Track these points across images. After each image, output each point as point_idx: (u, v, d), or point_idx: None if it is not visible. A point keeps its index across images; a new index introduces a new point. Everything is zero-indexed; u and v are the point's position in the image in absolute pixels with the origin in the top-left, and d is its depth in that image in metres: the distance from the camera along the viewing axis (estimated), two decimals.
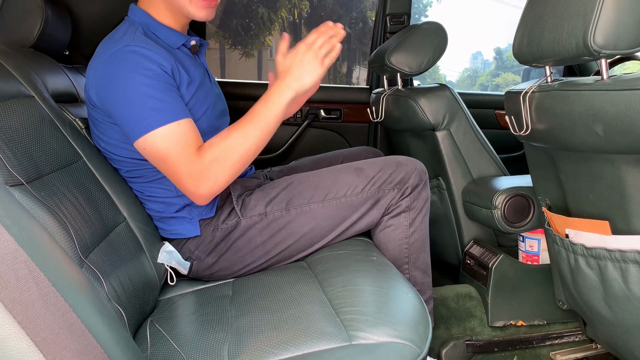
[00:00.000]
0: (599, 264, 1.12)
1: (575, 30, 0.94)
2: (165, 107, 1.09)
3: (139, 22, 1.23)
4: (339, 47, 1.17)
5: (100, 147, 1.25)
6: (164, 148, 1.08)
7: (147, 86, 1.08)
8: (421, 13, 18.73)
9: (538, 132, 1.16)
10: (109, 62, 1.11)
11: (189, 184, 1.09)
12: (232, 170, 1.10)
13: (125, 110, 1.09)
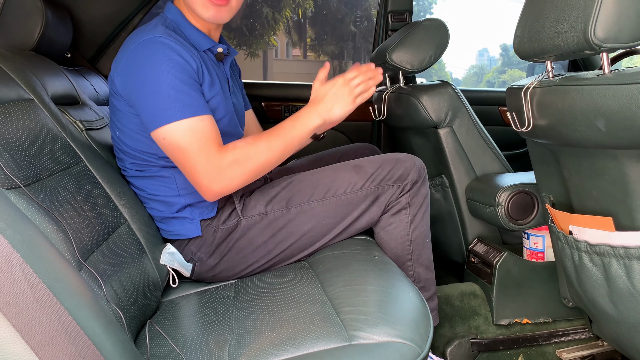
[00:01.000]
0: (603, 260, 1.10)
1: (576, 24, 0.93)
2: (190, 101, 1.12)
3: (172, 19, 1.26)
4: (373, 90, 1.25)
5: (115, 136, 1.27)
6: (185, 141, 1.10)
7: (174, 77, 1.11)
8: (426, 10, 18.66)
9: (540, 128, 1.15)
10: (138, 50, 1.13)
11: (205, 179, 1.12)
12: (248, 176, 1.15)
13: (149, 97, 1.11)
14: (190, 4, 1.23)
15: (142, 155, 1.24)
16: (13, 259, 0.60)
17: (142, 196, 1.30)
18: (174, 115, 1.10)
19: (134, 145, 1.23)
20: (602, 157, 1.04)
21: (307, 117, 1.19)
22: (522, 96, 1.17)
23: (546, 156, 1.27)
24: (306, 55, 16.93)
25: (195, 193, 1.26)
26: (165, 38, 1.14)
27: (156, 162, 1.24)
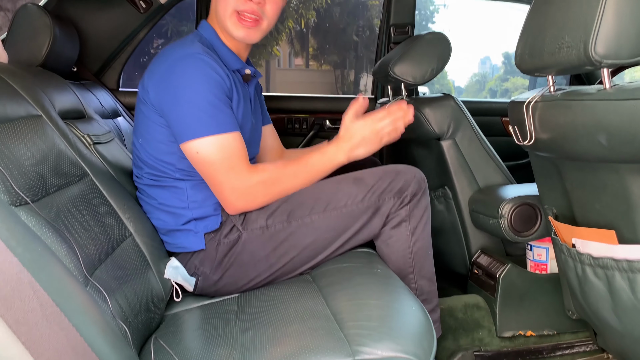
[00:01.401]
0: (607, 273, 1.11)
1: (576, 40, 0.94)
2: (224, 117, 1.18)
3: (206, 38, 1.32)
4: (401, 131, 1.30)
5: (137, 143, 1.31)
6: (217, 157, 1.17)
7: (210, 93, 1.16)
8: (428, 20, 18.71)
9: (542, 142, 1.16)
10: (177, 64, 1.18)
11: (231, 195, 1.19)
12: (271, 197, 1.24)
13: (185, 110, 1.17)
14: (223, 23, 1.29)
15: (161, 165, 1.27)
16: (23, 277, 0.61)
17: (151, 205, 1.32)
18: (209, 129, 1.15)
19: (156, 154, 1.27)
20: (604, 171, 1.05)
21: (334, 154, 1.26)
22: (524, 110, 1.17)
23: (549, 169, 1.27)
24: (308, 65, 16.99)
25: (202, 207, 1.28)
26: (204, 55, 1.19)
27: (173, 174, 1.27)
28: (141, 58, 11.37)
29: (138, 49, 2.31)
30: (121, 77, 2.31)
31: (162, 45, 10.78)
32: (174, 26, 10.10)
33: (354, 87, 11.72)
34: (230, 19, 1.26)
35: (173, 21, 10.01)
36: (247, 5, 1.25)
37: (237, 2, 1.26)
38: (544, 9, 1.06)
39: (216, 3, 1.30)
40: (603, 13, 0.89)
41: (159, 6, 2.16)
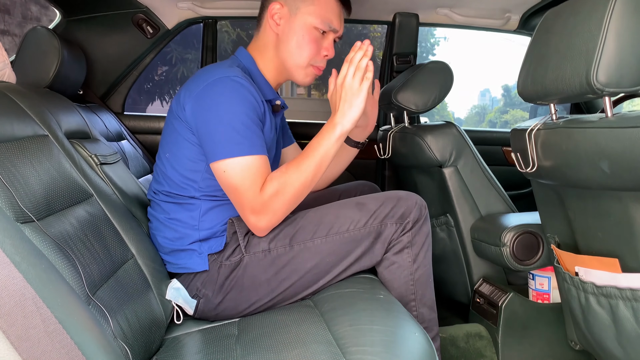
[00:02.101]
0: (610, 302, 1.10)
1: (578, 69, 0.96)
2: (256, 139, 1.21)
3: (244, 64, 1.37)
4: (371, 65, 1.26)
5: (163, 157, 1.33)
6: (240, 177, 1.19)
7: (245, 115, 1.20)
8: (429, 52, 19.01)
9: (544, 169, 1.16)
10: (216, 85, 1.22)
11: (251, 216, 1.21)
12: (289, 203, 1.23)
13: (219, 129, 1.19)
14: (290, 63, 1.37)
15: (183, 182, 1.29)
16: (27, 292, 0.61)
17: (160, 222, 1.33)
18: (240, 150, 1.18)
19: (181, 170, 1.29)
20: (606, 198, 1.05)
21: (328, 131, 1.25)
22: (526, 137, 1.19)
23: (551, 197, 1.28)
24: (310, 94, 17.17)
25: (211, 229, 1.30)
26: (243, 79, 1.23)
27: (193, 192, 1.30)
28: (145, 84, 11.48)
29: (143, 75, 2.34)
30: (126, 101, 2.33)
31: (166, 72, 10.92)
32: (179, 53, 10.25)
33: None
34: (306, 70, 1.37)
35: (178, 49, 10.17)
36: (323, 63, 1.39)
37: (316, 58, 1.37)
38: (546, 38, 1.08)
39: (287, 44, 1.36)
40: (604, 42, 0.90)
41: (166, 32, 2.20)
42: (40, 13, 5.32)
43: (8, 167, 0.89)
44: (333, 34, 1.39)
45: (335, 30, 1.38)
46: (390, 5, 2.13)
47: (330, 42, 1.39)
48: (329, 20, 1.35)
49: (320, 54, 1.38)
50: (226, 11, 2.18)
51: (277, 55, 1.38)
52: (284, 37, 1.36)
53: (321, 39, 1.37)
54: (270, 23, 1.37)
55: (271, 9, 1.37)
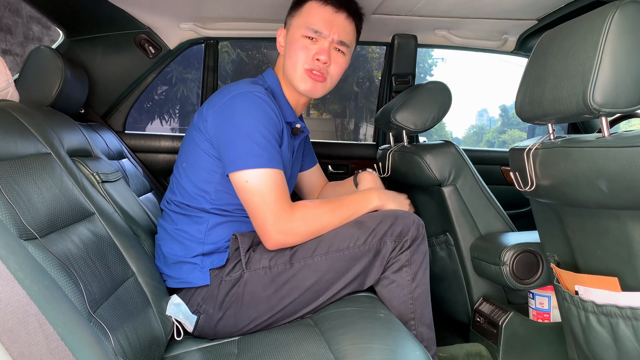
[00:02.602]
0: (611, 321, 1.10)
1: (575, 89, 0.97)
2: (275, 153, 1.25)
3: (269, 85, 1.43)
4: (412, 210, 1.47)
5: (180, 167, 1.37)
6: (267, 187, 1.22)
7: (266, 129, 1.25)
8: (427, 72, 19.17)
9: (543, 188, 1.17)
10: (238, 98, 1.27)
11: (272, 227, 1.23)
12: (309, 233, 1.28)
13: (239, 141, 1.23)
14: (289, 75, 1.40)
15: (197, 192, 1.32)
16: (30, 309, 0.61)
17: (167, 232, 1.36)
18: (261, 162, 1.22)
19: (196, 180, 1.33)
20: (605, 217, 1.06)
21: (371, 197, 1.38)
22: (524, 157, 1.20)
23: (550, 216, 1.28)
24: (309, 114, 17.25)
25: (215, 244, 1.31)
26: (265, 95, 1.29)
27: (204, 205, 1.32)
28: (145, 103, 11.54)
29: (143, 94, 2.36)
30: (127, 120, 2.35)
31: (166, 92, 10.98)
32: (179, 73, 10.33)
33: (353, 136, 11.87)
34: (301, 76, 1.39)
35: (178, 68, 10.25)
36: (315, 64, 1.38)
37: (305, 61, 1.38)
38: (543, 60, 1.10)
39: (286, 60, 1.41)
40: (600, 63, 0.92)
41: (168, 52, 2.23)
42: (42, 33, 5.37)
43: (11, 185, 0.90)
44: (324, 38, 1.38)
45: (323, 35, 1.37)
46: (389, 27, 2.16)
47: (323, 46, 1.38)
48: (312, 26, 1.37)
49: (311, 58, 1.38)
50: (228, 32, 2.21)
51: (285, 74, 1.43)
52: (285, 55, 1.42)
53: (312, 45, 1.38)
54: (279, 47, 1.47)
55: (278, 34, 1.47)
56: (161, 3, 1.89)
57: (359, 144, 2.64)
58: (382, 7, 1.85)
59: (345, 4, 1.41)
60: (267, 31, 2.19)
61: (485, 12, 1.91)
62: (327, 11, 1.39)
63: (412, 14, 1.96)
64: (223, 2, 1.86)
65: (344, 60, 1.44)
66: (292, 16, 1.44)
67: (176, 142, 2.37)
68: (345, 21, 1.41)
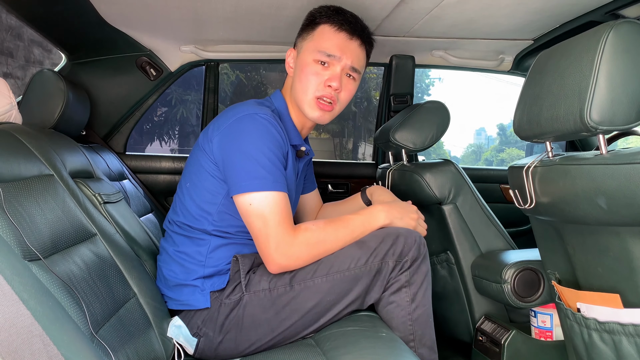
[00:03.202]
0: (614, 339, 1.10)
1: (572, 107, 0.99)
2: (279, 176, 1.24)
3: (277, 107, 1.42)
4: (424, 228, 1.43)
5: (184, 187, 1.37)
6: (270, 211, 1.21)
7: (271, 152, 1.24)
8: (424, 92, 19.34)
9: (542, 206, 1.18)
10: (244, 120, 1.26)
11: (275, 251, 1.21)
12: (312, 257, 1.26)
13: (244, 163, 1.22)
14: (298, 99, 1.40)
15: (199, 213, 1.32)
16: (34, 329, 0.61)
17: (168, 254, 1.35)
18: (265, 185, 1.21)
19: (199, 201, 1.32)
20: (605, 234, 1.06)
21: (377, 214, 1.34)
22: (523, 175, 1.21)
23: (550, 233, 1.29)
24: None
25: (216, 267, 1.30)
26: (271, 118, 1.28)
27: (206, 226, 1.31)
28: (145, 125, 11.57)
29: (143, 116, 2.38)
30: (128, 141, 2.36)
31: (166, 113, 11.05)
32: (179, 95, 10.40)
33: (352, 155, 11.91)
34: (310, 103, 1.39)
35: (178, 90, 10.33)
36: (326, 91, 1.38)
37: (317, 88, 1.38)
38: (540, 79, 1.12)
39: (295, 83, 1.41)
40: (596, 82, 0.94)
41: (169, 74, 2.25)
42: (43, 56, 5.43)
43: (15, 206, 0.91)
44: (336, 63, 1.38)
45: (337, 59, 1.37)
46: (387, 48, 2.19)
47: (335, 72, 1.38)
48: (326, 50, 1.37)
49: (323, 85, 1.37)
50: (228, 54, 2.24)
51: (293, 96, 1.43)
52: (294, 77, 1.42)
53: (324, 71, 1.38)
54: (287, 68, 1.47)
55: (287, 54, 1.47)
56: (162, 26, 1.92)
57: (359, 163, 2.65)
58: (381, 29, 1.88)
59: (358, 30, 1.41)
60: (266, 53, 2.22)
61: (481, 32, 1.94)
62: (341, 37, 1.39)
63: (410, 35, 1.99)
64: (223, 25, 1.89)
65: (354, 86, 1.44)
66: (303, 38, 1.43)
67: (177, 162, 2.38)
68: (358, 48, 1.42)
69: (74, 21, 1.74)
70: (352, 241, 1.31)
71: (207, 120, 2.35)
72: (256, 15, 1.76)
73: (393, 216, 1.36)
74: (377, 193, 1.61)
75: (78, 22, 1.75)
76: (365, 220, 1.32)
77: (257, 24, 1.87)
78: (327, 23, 1.40)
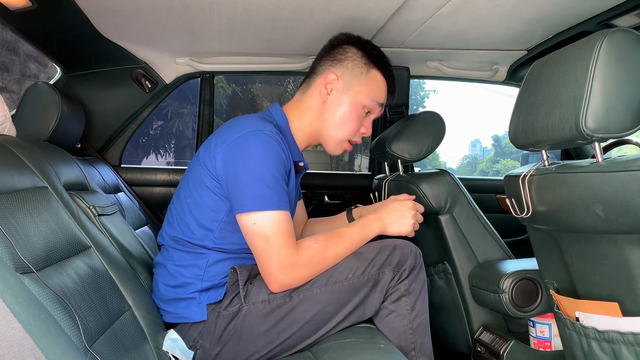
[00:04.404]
0: (613, 348, 1.09)
1: (567, 116, 0.99)
2: (283, 195, 1.23)
3: (277, 122, 1.40)
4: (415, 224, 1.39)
5: (184, 202, 1.33)
6: (274, 231, 1.19)
7: (275, 169, 1.22)
8: (419, 104, 19.45)
9: (539, 214, 1.18)
10: (248, 136, 1.24)
11: (278, 271, 1.20)
12: (314, 275, 1.26)
13: (249, 182, 1.20)
14: (325, 132, 1.42)
15: (199, 229, 1.29)
16: (26, 343, 0.60)
17: (165, 268, 1.32)
18: (270, 204, 1.19)
19: (200, 218, 1.29)
20: (603, 242, 1.06)
21: (370, 225, 1.34)
22: (520, 183, 1.20)
23: (547, 242, 1.28)
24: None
25: (213, 280, 1.29)
26: (276, 135, 1.26)
27: (206, 241, 1.29)
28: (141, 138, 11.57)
29: (139, 129, 2.38)
30: (123, 154, 2.36)
31: (161, 127, 11.06)
32: (174, 108, 10.43)
33: (348, 167, 11.93)
34: (341, 144, 1.42)
35: (173, 103, 10.36)
36: (358, 138, 1.45)
37: (353, 134, 1.42)
38: (534, 88, 1.12)
39: (331, 116, 1.40)
40: (591, 90, 0.94)
41: (164, 86, 2.25)
42: (38, 70, 5.43)
43: (8, 218, 0.90)
44: (376, 112, 1.45)
45: (380, 109, 1.44)
46: None
47: (370, 120, 1.45)
48: (378, 100, 1.42)
49: (359, 131, 1.43)
50: (223, 66, 2.24)
51: (318, 121, 1.41)
52: (330, 107, 1.40)
53: (364, 117, 1.42)
54: (321, 90, 1.41)
55: (326, 77, 1.40)
56: (157, 39, 1.92)
57: (355, 174, 2.65)
58: (375, 40, 1.89)
59: (394, 88, 1.48)
60: (262, 65, 2.23)
61: (475, 43, 1.95)
62: (385, 90, 1.45)
63: (404, 47, 2.00)
64: (218, 37, 1.89)
65: None
66: (353, 75, 1.40)
67: (172, 175, 2.38)
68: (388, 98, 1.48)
69: (69, 34, 1.74)
70: (350, 252, 1.31)
71: (203, 133, 2.35)
72: (251, 27, 1.76)
73: (386, 224, 1.36)
74: (365, 209, 1.60)
75: (73, 35, 1.75)
76: (360, 231, 1.32)
77: (251, 36, 1.88)
78: (380, 71, 1.42)
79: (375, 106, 1.42)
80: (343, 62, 1.41)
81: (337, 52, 1.42)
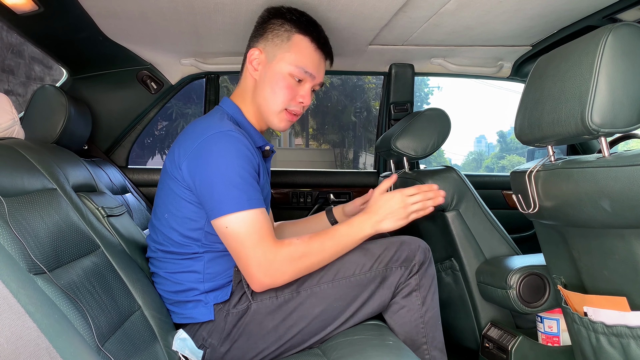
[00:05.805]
0: (622, 342, 1.09)
1: (573, 111, 0.99)
2: (253, 193, 1.19)
3: (231, 114, 1.36)
4: (430, 210, 1.31)
5: (162, 218, 1.31)
6: (246, 231, 1.16)
7: (242, 169, 1.19)
8: (423, 101, 19.42)
9: (546, 210, 1.18)
10: (212, 141, 1.21)
11: (258, 271, 1.17)
12: (298, 272, 1.21)
13: (218, 187, 1.17)
14: (264, 107, 1.36)
15: (185, 240, 1.28)
16: (41, 342, 0.61)
17: (164, 276, 1.31)
18: (240, 205, 1.16)
19: (182, 230, 1.27)
20: (610, 237, 1.06)
21: (360, 226, 1.26)
22: (526, 179, 1.20)
23: (554, 237, 1.28)
24: (308, 144, 17.40)
25: (216, 280, 1.29)
26: (235, 132, 1.23)
27: (195, 249, 1.28)
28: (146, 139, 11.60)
29: (145, 130, 2.39)
30: (130, 155, 2.37)
31: (166, 127, 11.10)
32: (179, 108, 10.46)
33: (353, 165, 11.93)
34: (279, 115, 1.37)
35: (178, 104, 10.39)
36: (298, 106, 1.38)
37: (290, 102, 1.36)
38: (540, 83, 1.12)
39: (263, 90, 1.35)
40: (597, 85, 0.94)
41: (170, 87, 2.26)
42: (43, 73, 5.45)
43: (19, 220, 0.91)
44: (310, 81, 1.38)
45: (312, 77, 1.38)
46: (386, 57, 2.20)
47: (307, 89, 1.38)
48: (306, 68, 1.35)
49: (295, 100, 1.37)
50: (228, 66, 2.25)
51: (254, 100, 1.38)
52: (260, 83, 1.37)
53: (297, 86, 1.36)
54: (249, 68, 1.38)
55: (250, 54, 1.38)
56: (162, 40, 1.93)
57: (360, 172, 2.65)
58: (379, 38, 1.89)
59: (330, 52, 1.44)
60: None
61: (480, 39, 1.95)
62: (317, 56, 1.38)
63: (409, 44, 2.00)
64: (223, 37, 1.90)
65: (313, 97, 1.45)
66: (275, 44, 1.36)
67: None
68: (326, 66, 1.44)
69: (75, 37, 1.75)
70: (340, 253, 1.27)
71: None
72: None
73: (377, 222, 1.27)
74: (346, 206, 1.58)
75: (79, 37, 1.76)
76: (350, 231, 1.26)
77: None
78: (304, 36, 1.36)
79: (302, 73, 1.35)
80: (264, 34, 1.38)
81: (260, 28, 1.40)
